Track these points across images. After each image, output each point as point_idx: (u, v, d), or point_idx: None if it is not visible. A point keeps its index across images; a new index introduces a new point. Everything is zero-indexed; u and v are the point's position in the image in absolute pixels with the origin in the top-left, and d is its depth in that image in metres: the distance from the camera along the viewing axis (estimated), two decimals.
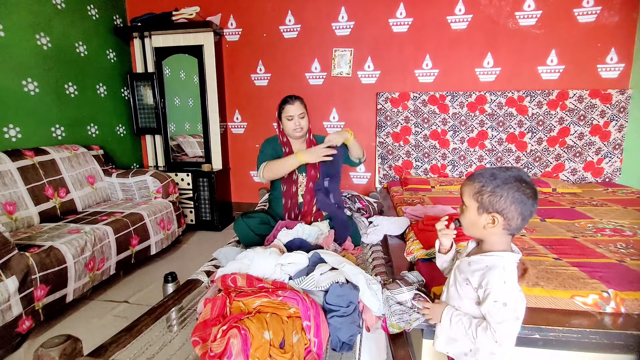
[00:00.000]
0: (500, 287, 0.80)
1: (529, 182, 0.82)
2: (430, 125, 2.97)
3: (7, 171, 2.01)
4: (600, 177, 2.79)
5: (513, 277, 0.82)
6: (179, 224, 2.74)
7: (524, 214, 0.82)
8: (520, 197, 0.80)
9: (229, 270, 1.25)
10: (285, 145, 1.85)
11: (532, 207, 0.82)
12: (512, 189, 0.81)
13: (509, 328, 0.78)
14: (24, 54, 2.29)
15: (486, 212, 0.84)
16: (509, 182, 0.81)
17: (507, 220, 0.82)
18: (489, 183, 0.83)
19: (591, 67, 2.73)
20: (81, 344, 0.86)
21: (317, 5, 3.00)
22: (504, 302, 0.79)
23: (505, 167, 0.85)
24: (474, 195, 0.86)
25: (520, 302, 0.80)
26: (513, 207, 0.81)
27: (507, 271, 0.82)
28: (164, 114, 3.22)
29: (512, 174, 0.82)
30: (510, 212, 0.81)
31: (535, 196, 0.81)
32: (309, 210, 1.86)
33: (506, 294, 0.79)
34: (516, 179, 0.81)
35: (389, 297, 1.10)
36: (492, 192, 0.83)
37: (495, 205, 0.82)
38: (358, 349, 1.05)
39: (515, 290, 0.81)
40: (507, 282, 0.80)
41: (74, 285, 1.80)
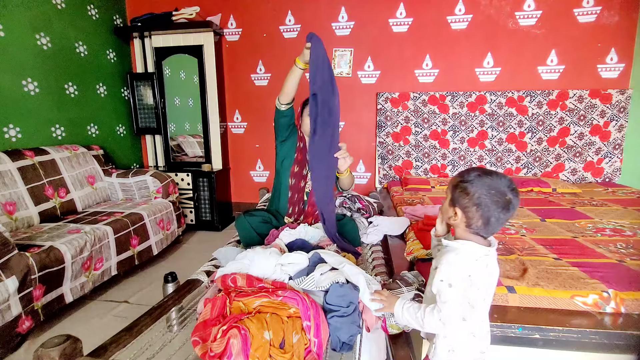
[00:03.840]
0: (445, 267, 0.84)
1: (504, 191, 0.83)
2: (430, 125, 2.97)
3: (7, 171, 2.01)
4: (600, 177, 2.79)
5: (464, 262, 0.85)
6: (178, 224, 2.74)
7: (486, 218, 0.84)
8: (487, 202, 0.83)
9: (229, 270, 1.25)
10: (300, 140, 1.86)
11: (500, 215, 0.84)
12: (483, 193, 0.83)
13: (453, 310, 0.82)
14: (24, 54, 2.29)
15: (453, 205, 0.89)
16: (484, 187, 0.84)
17: (468, 219, 0.86)
18: (467, 181, 0.86)
19: (591, 67, 2.73)
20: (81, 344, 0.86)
21: (317, 5, 3.00)
22: (449, 283, 0.83)
23: (494, 172, 0.87)
24: (452, 187, 0.90)
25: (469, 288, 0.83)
26: (475, 208, 0.84)
27: (459, 255, 0.85)
28: (164, 114, 3.22)
29: (490, 181, 0.84)
30: (472, 212, 0.85)
31: (506, 207, 0.83)
32: (312, 212, 1.86)
33: (449, 275, 0.83)
34: (490, 187, 0.83)
35: None
36: (464, 188, 0.86)
37: (461, 201, 0.86)
38: (358, 349, 1.05)
39: (461, 274, 0.83)
40: (453, 263, 0.84)
41: (70, 284, 1.80)
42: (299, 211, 1.85)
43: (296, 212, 1.85)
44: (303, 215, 1.86)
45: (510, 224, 1.75)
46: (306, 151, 1.86)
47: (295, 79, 1.69)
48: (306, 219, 1.85)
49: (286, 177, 1.85)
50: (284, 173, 1.86)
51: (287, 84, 1.70)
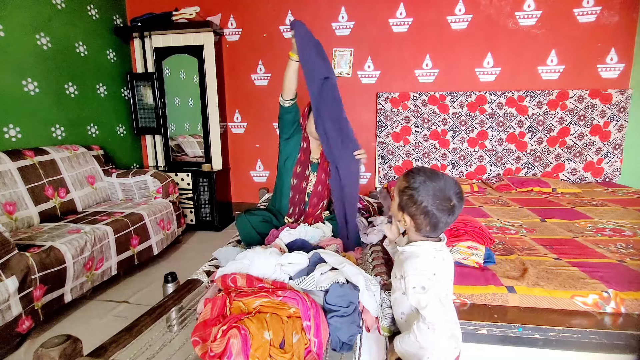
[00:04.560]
0: (412, 273, 0.86)
1: (449, 197, 0.85)
2: (430, 125, 2.97)
3: (7, 171, 2.01)
4: (600, 177, 2.79)
5: (426, 263, 0.86)
6: (178, 224, 2.74)
7: (432, 222, 0.87)
8: (434, 211, 0.85)
9: (229, 270, 1.25)
10: (304, 140, 1.86)
11: (445, 219, 0.86)
12: (429, 201, 0.85)
13: (435, 310, 0.82)
14: (24, 54, 2.29)
15: (402, 210, 0.91)
16: (429, 194, 0.85)
17: (417, 224, 0.89)
18: (414, 186, 0.87)
19: (591, 67, 2.73)
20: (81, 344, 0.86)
21: (317, 5, 3.00)
22: (422, 287, 0.84)
23: (439, 176, 0.87)
24: (399, 191, 0.91)
25: (437, 288, 0.84)
26: (423, 216, 0.87)
27: (419, 259, 0.87)
28: (164, 114, 3.22)
29: (438, 186, 0.85)
30: (420, 219, 0.88)
31: (451, 211, 0.86)
32: (312, 212, 1.86)
33: (419, 279, 0.85)
34: (438, 192, 0.85)
35: (385, 300, 1.10)
36: (410, 196, 0.88)
37: (409, 209, 0.88)
38: (358, 349, 1.05)
39: (428, 274, 0.85)
40: (418, 267, 0.86)
41: (71, 284, 1.80)
42: (300, 212, 1.85)
43: (297, 212, 1.85)
44: (304, 216, 1.86)
45: (510, 224, 1.76)
46: (309, 152, 1.86)
47: (293, 73, 1.69)
48: (306, 219, 1.85)
49: (288, 177, 1.85)
50: (286, 173, 1.86)
51: (286, 79, 1.70)
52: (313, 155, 1.89)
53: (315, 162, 1.89)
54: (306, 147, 1.86)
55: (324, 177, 1.86)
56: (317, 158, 1.90)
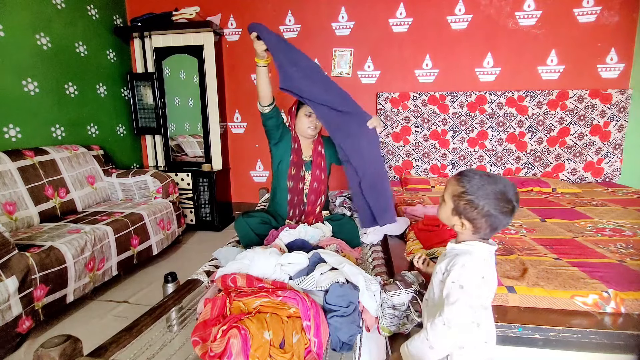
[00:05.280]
0: (458, 269, 0.83)
1: (510, 199, 0.83)
2: (430, 125, 2.97)
3: (7, 171, 2.01)
4: (600, 177, 2.79)
5: (477, 264, 0.84)
6: (179, 224, 2.74)
7: (493, 226, 0.85)
8: (495, 213, 0.83)
9: (229, 270, 1.25)
10: (294, 140, 1.86)
11: (506, 221, 0.85)
12: (490, 204, 0.83)
13: (460, 311, 0.80)
14: (24, 54, 2.29)
15: (458, 215, 0.88)
16: (490, 197, 0.83)
17: (476, 229, 0.86)
18: (471, 191, 0.85)
19: (591, 67, 2.73)
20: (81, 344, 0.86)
21: (317, 5, 3.00)
22: (460, 285, 0.81)
23: (496, 178, 0.86)
24: (453, 196, 0.88)
25: (478, 291, 0.81)
26: (484, 220, 0.84)
27: (472, 257, 0.84)
28: (164, 114, 3.22)
29: (497, 189, 0.83)
30: (480, 224, 0.85)
31: (512, 213, 0.84)
32: (312, 210, 1.86)
33: (462, 277, 0.82)
34: (499, 195, 0.83)
35: (385, 300, 1.10)
36: (469, 201, 0.85)
37: (468, 214, 0.85)
38: (358, 349, 1.05)
39: (475, 277, 0.82)
40: (466, 265, 0.83)
41: (74, 285, 1.80)
42: (300, 212, 1.85)
43: (297, 214, 1.85)
44: (304, 215, 1.86)
45: (510, 224, 1.76)
46: (301, 152, 1.86)
47: (264, 77, 1.66)
48: (307, 219, 1.85)
49: (284, 179, 1.85)
50: (281, 176, 1.87)
51: (259, 86, 1.69)
52: (305, 154, 1.89)
53: (308, 161, 1.88)
54: (297, 148, 1.85)
55: (319, 173, 1.86)
56: (309, 156, 1.90)
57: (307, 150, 1.90)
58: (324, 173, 1.88)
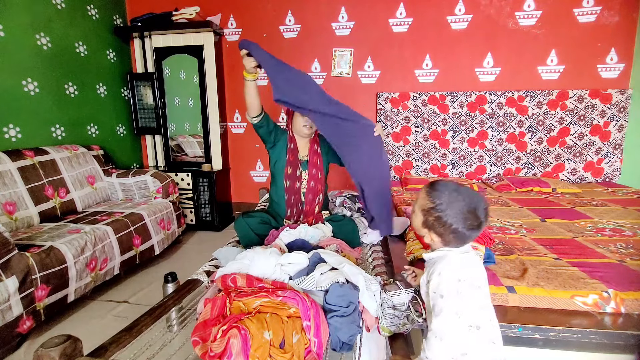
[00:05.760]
0: (436, 278, 0.84)
1: (479, 216, 0.84)
2: (430, 125, 2.97)
3: (7, 171, 2.01)
4: (600, 177, 2.79)
5: (452, 268, 0.84)
6: (179, 224, 2.74)
7: (461, 239, 0.86)
8: (462, 229, 0.84)
9: (229, 270, 1.25)
10: (290, 140, 1.86)
11: (473, 235, 0.85)
12: (458, 222, 0.83)
13: (447, 320, 0.79)
14: (24, 54, 2.29)
15: (427, 228, 0.89)
16: (459, 215, 0.83)
17: (444, 242, 0.88)
18: (440, 207, 0.85)
19: (591, 67, 2.73)
20: (81, 344, 0.86)
21: (317, 5, 3.00)
22: (440, 294, 0.82)
23: (466, 194, 0.85)
24: (422, 210, 0.89)
25: (460, 295, 0.81)
26: (452, 235, 0.85)
27: (446, 262, 0.85)
28: (164, 114, 3.22)
29: (467, 206, 0.83)
30: (448, 237, 0.86)
31: (479, 228, 0.84)
32: (311, 209, 1.86)
33: (440, 285, 0.83)
34: (468, 213, 0.83)
35: (385, 300, 1.10)
36: (438, 217, 0.85)
37: (437, 229, 0.87)
38: (358, 349, 1.05)
39: (451, 283, 0.82)
40: (442, 273, 0.84)
41: (75, 285, 1.80)
42: (298, 212, 1.85)
43: (295, 214, 1.85)
44: (302, 215, 1.86)
45: (510, 224, 1.75)
46: (297, 152, 1.86)
47: (251, 91, 1.69)
48: (306, 218, 1.85)
49: (281, 179, 1.85)
50: (278, 175, 1.87)
51: (248, 99, 1.71)
52: (301, 154, 1.88)
53: (304, 160, 1.88)
54: (293, 147, 1.86)
55: (315, 172, 1.86)
56: (305, 155, 1.89)
57: (303, 150, 1.90)
58: (321, 172, 1.88)
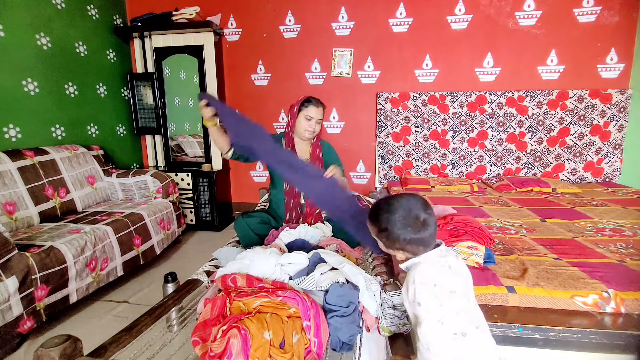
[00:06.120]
0: (411, 287, 0.84)
1: (417, 215, 0.87)
2: (430, 125, 2.97)
3: (7, 171, 2.01)
4: (600, 177, 2.79)
5: (425, 274, 0.85)
6: (179, 224, 2.74)
7: (422, 243, 0.88)
8: (413, 234, 0.87)
9: (229, 270, 1.25)
10: (288, 142, 1.85)
11: (427, 233, 0.88)
12: (405, 230, 0.87)
13: (430, 328, 0.79)
14: (24, 54, 2.29)
15: (389, 248, 0.94)
16: (401, 224, 0.87)
17: (410, 253, 0.91)
18: (384, 227, 0.91)
19: (591, 67, 2.73)
20: (81, 344, 0.86)
21: (317, 5, 3.00)
22: (418, 302, 0.82)
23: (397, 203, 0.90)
24: (376, 234, 0.96)
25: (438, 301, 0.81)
26: (409, 246, 0.89)
27: (419, 271, 0.86)
28: (164, 114, 3.22)
29: (403, 213, 0.88)
30: (408, 248, 0.89)
31: (424, 224, 0.87)
32: (311, 212, 1.86)
33: (416, 294, 0.83)
34: (407, 217, 0.87)
35: (385, 300, 1.10)
36: (387, 236, 0.91)
37: (395, 245, 0.91)
38: (358, 349, 1.05)
39: (426, 289, 0.82)
40: (416, 279, 0.84)
41: (76, 285, 1.80)
42: (297, 215, 1.84)
43: (294, 217, 1.84)
44: (302, 217, 1.86)
45: (510, 224, 1.76)
46: (296, 154, 1.84)
47: (215, 136, 1.73)
48: (306, 220, 1.85)
49: (280, 182, 1.85)
50: (277, 179, 1.86)
51: (215, 143, 1.75)
52: (301, 157, 1.86)
53: None
54: (292, 149, 1.84)
55: None
56: (306, 159, 1.87)
57: (303, 153, 1.88)
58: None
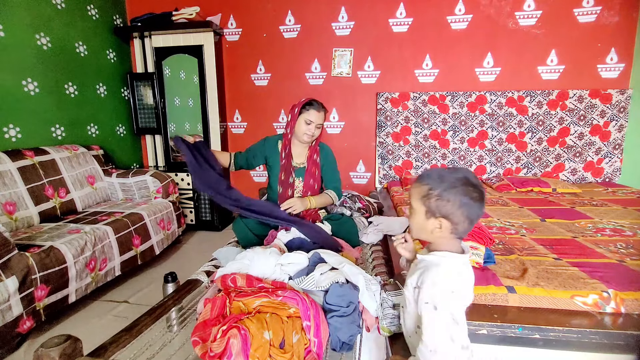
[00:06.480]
0: (429, 288, 0.79)
1: (476, 185, 0.81)
2: (430, 125, 2.97)
3: (7, 171, 2.01)
4: (600, 177, 2.79)
5: (447, 278, 0.80)
6: (179, 224, 2.74)
7: (470, 217, 0.81)
8: (468, 201, 0.80)
9: (228, 270, 1.25)
10: (287, 144, 1.83)
11: (479, 211, 0.81)
12: (459, 192, 0.80)
13: (441, 333, 0.76)
14: (24, 54, 2.29)
15: (433, 216, 0.83)
16: (457, 186, 0.81)
17: (455, 225, 0.82)
18: (436, 186, 0.82)
19: (591, 67, 2.73)
20: (81, 344, 0.86)
21: (317, 5, 3.00)
22: (434, 305, 0.77)
23: (453, 168, 0.84)
24: (421, 198, 0.85)
25: (455, 305, 0.78)
26: (460, 211, 0.80)
27: (442, 272, 0.81)
28: (164, 114, 3.22)
29: (459, 176, 0.82)
30: (457, 217, 0.81)
31: (481, 199, 0.81)
32: (308, 213, 1.85)
33: (434, 297, 0.78)
34: (463, 182, 0.81)
35: (385, 300, 1.10)
36: (439, 195, 0.82)
37: (442, 210, 0.81)
38: (358, 349, 1.05)
39: (447, 294, 0.78)
40: (437, 284, 0.79)
41: (76, 285, 1.80)
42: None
43: None
44: None
45: (510, 224, 1.75)
46: (291, 157, 1.83)
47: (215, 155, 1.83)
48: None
49: (274, 184, 1.84)
50: (273, 182, 1.86)
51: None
52: (297, 160, 1.84)
53: (300, 167, 1.84)
54: (288, 152, 1.81)
55: (312, 182, 1.82)
56: (302, 163, 1.85)
57: (299, 157, 1.86)
58: (318, 183, 1.84)
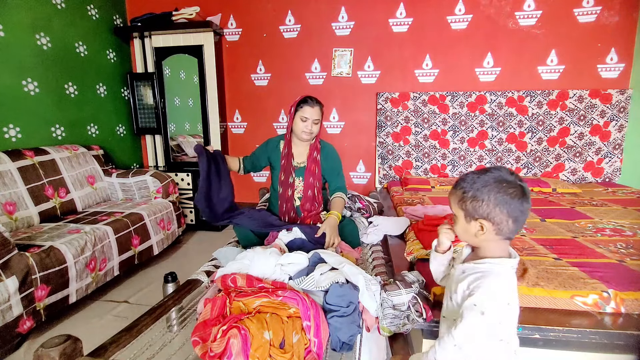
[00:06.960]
0: (484, 295, 0.76)
1: (511, 181, 0.78)
2: (430, 125, 2.97)
3: (7, 171, 2.01)
4: (600, 177, 2.79)
5: (505, 289, 0.78)
6: (179, 224, 2.74)
7: (512, 215, 0.78)
8: (503, 197, 0.77)
9: (229, 270, 1.25)
10: (287, 144, 1.83)
11: (521, 206, 0.77)
12: (492, 191, 0.78)
13: (474, 336, 0.74)
14: (24, 54, 2.29)
15: (473, 219, 0.81)
16: (488, 185, 0.79)
17: (497, 225, 0.79)
18: (469, 188, 0.81)
19: (591, 67, 2.73)
20: (81, 344, 0.86)
21: (317, 5, 3.00)
22: (482, 311, 0.74)
23: (487, 169, 0.82)
24: (458, 203, 0.84)
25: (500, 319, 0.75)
26: (497, 209, 0.78)
27: (500, 281, 0.78)
28: (164, 114, 3.22)
29: (491, 176, 0.80)
30: (497, 216, 0.78)
31: (522, 194, 0.77)
32: (309, 214, 1.84)
33: (486, 304, 0.75)
34: (496, 180, 0.79)
35: (385, 300, 1.10)
36: (473, 197, 0.80)
37: (479, 211, 0.80)
38: (358, 349, 1.05)
39: (501, 306, 0.76)
40: (496, 293, 0.76)
41: (76, 285, 1.80)
42: (291, 220, 1.81)
43: (288, 221, 1.81)
44: (299, 221, 1.83)
45: None
46: (292, 157, 1.83)
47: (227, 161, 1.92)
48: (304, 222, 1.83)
49: (275, 184, 1.84)
50: (274, 182, 1.86)
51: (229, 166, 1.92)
52: (297, 160, 1.83)
53: (300, 167, 1.83)
54: (287, 152, 1.80)
55: (312, 180, 1.80)
56: (302, 162, 1.83)
57: (299, 156, 1.84)
58: (319, 181, 1.82)
